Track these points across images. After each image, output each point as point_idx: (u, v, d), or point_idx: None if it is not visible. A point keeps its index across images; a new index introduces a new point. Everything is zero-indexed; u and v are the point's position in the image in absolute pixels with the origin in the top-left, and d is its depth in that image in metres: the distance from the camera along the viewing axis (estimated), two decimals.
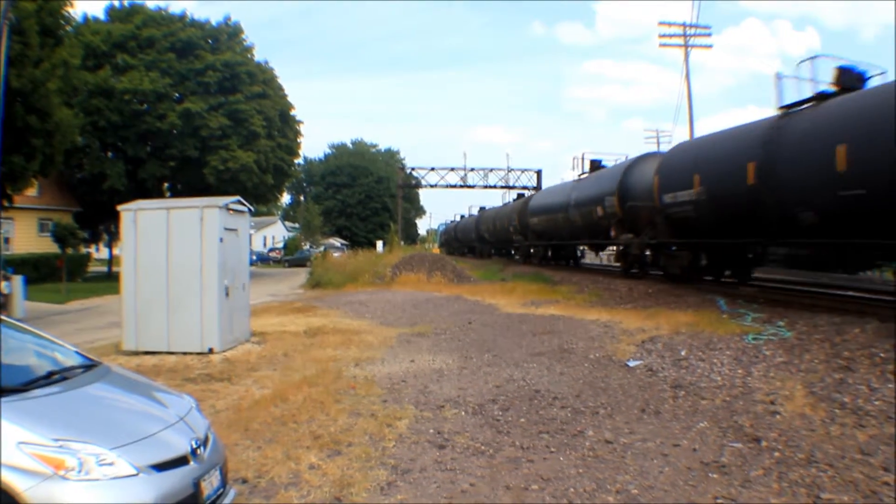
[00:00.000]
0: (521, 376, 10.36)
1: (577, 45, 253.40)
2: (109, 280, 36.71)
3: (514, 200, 50.00)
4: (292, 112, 52.41)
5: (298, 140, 54.14)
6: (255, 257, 64.97)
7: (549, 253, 38.23)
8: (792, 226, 14.79)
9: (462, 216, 74.06)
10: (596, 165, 31.05)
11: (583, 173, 31.97)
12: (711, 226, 18.19)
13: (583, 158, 32.39)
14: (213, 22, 48.56)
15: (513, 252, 49.70)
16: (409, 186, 76.24)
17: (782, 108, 15.83)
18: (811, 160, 13.95)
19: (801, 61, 16.02)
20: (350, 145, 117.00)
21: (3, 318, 5.75)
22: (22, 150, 22.91)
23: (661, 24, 41.69)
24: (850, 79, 14.58)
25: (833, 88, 14.63)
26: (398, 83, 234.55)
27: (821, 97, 14.83)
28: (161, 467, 4.29)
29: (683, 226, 19.64)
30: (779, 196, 14.91)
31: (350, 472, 6.22)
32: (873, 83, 14.44)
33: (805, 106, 15.24)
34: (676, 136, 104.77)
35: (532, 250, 40.84)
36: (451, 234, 78.10)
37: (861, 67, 14.80)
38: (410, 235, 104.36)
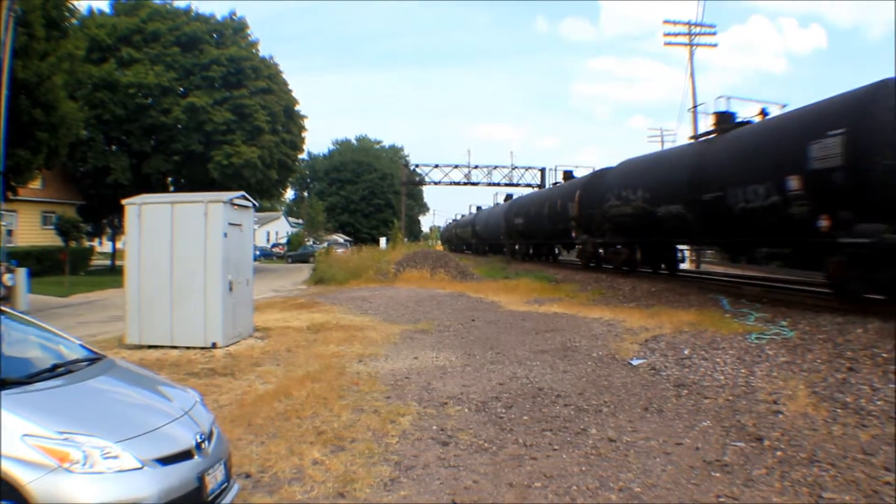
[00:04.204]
0: (525, 374, 10.36)
1: (581, 42, 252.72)
2: (112, 274, 36.71)
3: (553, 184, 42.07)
4: (297, 107, 52.54)
5: (302, 135, 54.24)
6: (258, 253, 65.01)
7: (639, 255, 25.69)
8: None
9: (479, 207, 68.93)
10: (727, 120, 20.28)
11: (700, 135, 22.08)
12: None
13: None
14: (219, 16, 48.76)
15: (557, 252, 40.07)
16: (413, 183, 76.02)
17: None
18: None
19: None
20: (354, 141, 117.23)
21: (7, 310, 5.76)
22: (27, 144, 22.94)
23: (666, 22, 41.79)
24: None
25: None
26: (402, 79, 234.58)
27: None
28: (165, 461, 4.29)
29: None
30: None
31: (353, 468, 6.23)
32: None
33: None
34: (681, 134, 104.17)
35: (602, 251, 28.78)
36: (467, 228, 68.53)
37: None
38: (414, 232, 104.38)
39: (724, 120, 20.34)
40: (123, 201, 13.73)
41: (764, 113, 19.07)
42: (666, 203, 21.14)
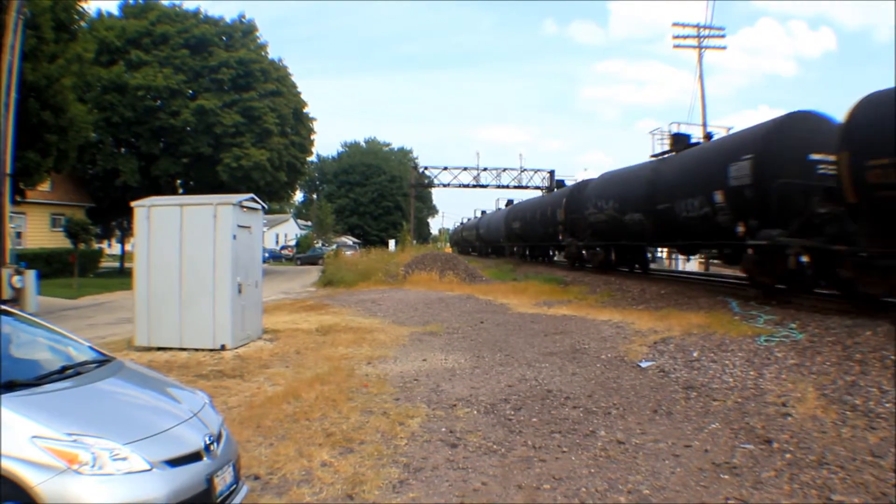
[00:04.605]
0: (534, 376, 10.34)
1: (590, 44, 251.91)
2: (121, 276, 36.85)
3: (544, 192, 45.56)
4: (305, 110, 52.51)
5: (311, 138, 54.26)
6: (267, 255, 65.08)
7: (613, 256, 30.00)
8: None
9: (484, 212, 70.69)
10: (680, 142, 23.56)
11: (657, 154, 24.94)
12: None
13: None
14: (228, 19, 48.80)
15: (552, 254, 43.89)
16: (422, 186, 76.03)
17: None
18: None
19: None
20: (363, 144, 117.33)
21: (16, 312, 5.79)
22: (36, 146, 23.00)
23: (675, 25, 41.57)
24: None
25: None
26: (411, 82, 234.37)
27: None
28: (174, 463, 4.30)
29: None
30: None
31: (362, 470, 6.23)
32: None
33: None
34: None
35: (584, 253, 32.53)
36: (472, 231, 71.12)
37: None
38: (423, 235, 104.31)
39: (678, 141, 23.59)
40: (132, 203, 13.73)
41: (709, 136, 22.45)
42: (630, 211, 24.73)
